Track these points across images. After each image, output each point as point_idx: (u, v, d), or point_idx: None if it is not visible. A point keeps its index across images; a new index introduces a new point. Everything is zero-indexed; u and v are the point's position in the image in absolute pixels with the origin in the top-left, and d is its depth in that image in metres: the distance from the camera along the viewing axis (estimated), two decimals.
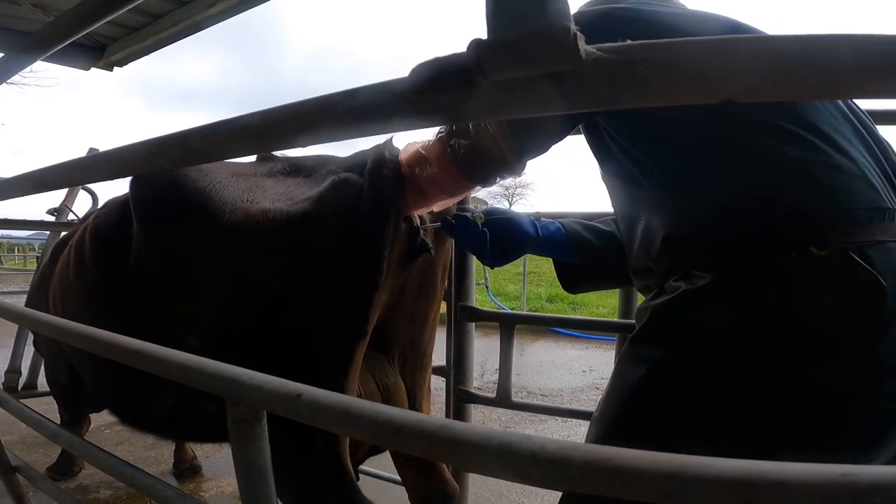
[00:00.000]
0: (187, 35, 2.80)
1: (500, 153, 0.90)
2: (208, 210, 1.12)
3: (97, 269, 1.38)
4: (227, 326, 1.17)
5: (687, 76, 0.39)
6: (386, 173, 1.05)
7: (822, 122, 0.71)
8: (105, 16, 0.75)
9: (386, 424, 0.45)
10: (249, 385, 0.59)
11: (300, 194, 1.15)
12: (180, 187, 1.15)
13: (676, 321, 0.75)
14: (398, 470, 1.50)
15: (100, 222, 1.42)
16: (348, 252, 1.08)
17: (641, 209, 0.83)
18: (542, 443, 0.37)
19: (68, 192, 3.21)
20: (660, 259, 0.79)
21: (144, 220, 1.23)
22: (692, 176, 0.76)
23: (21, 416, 1.30)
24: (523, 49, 0.42)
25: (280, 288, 1.12)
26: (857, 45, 0.33)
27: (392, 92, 0.46)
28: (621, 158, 0.83)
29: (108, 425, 3.13)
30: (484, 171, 0.96)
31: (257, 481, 0.68)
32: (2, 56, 1.06)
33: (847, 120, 0.74)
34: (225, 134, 0.53)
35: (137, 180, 1.23)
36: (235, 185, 1.18)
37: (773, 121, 0.71)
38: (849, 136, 0.72)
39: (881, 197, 0.68)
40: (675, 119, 0.75)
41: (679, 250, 0.76)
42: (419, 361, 1.40)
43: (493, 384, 1.70)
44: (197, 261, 1.17)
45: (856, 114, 0.78)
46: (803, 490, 0.31)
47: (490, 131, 0.89)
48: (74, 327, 0.89)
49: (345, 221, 1.07)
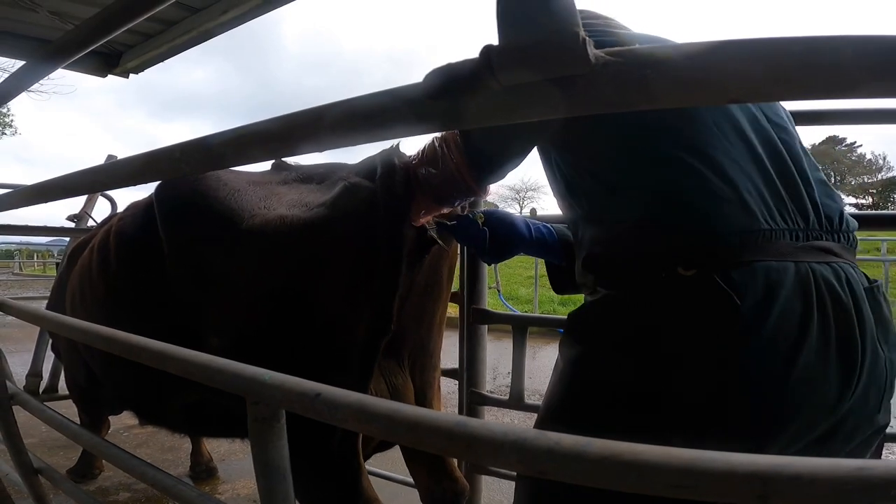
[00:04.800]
0: (201, 42, 2.83)
1: (462, 179, 1.01)
2: (229, 216, 1.18)
3: (121, 270, 1.43)
4: (248, 327, 1.20)
5: (693, 79, 0.40)
6: (397, 177, 1.09)
7: (712, 147, 0.76)
8: (124, 24, 0.78)
9: (403, 422, 0.46)
10: (269, 384, 0.60)
11: (314, 200, 1.20)
12: (202, 195, 1.22)
13: (582, 328, 0.87)
14: (410, 470, 1.51)
15: (124, 224, 1.48)
16: (363, 254, 1.11)
17: (576, 226, 0.92)
18: (557, 438, 0.38)
19: (87, 198, 3.26)
20: (582, 275, 0.89)
21: (169, 223, 1.28)
22: (604, 204, 0.85)
23: (43, 417, 1.33)
24: (534, 54, 0.43)
25: (297, 289, 1.15)
26: (858, 46, 0.33)
27: (405, 97, 0.47)
28: (561, 184, 0.92)
29: (126, 428, 3.17)
30: (450, 196, 1.08)
31: (276, 479, 0.69)
32: (23, 64, 1.09)
33: (745, 142, 0.78)
34: (247, 139, 0.55)
35: (163, 186, 1.29)
36: (253, 192, 1.24)
37: (668, 150, 0.77)
38: (739, 161, 0.76)
39: (758, 220, 0.73)
40: (599, 154, 0.84)
41: (591, 268, 0.86)
42: (428, 362, 1.42)
43: (505, 387, 1.71)
44: (218, 263, 1.22)
45: (764, 133, 0.81)
46: (819, 484, 0.32)
47: (454, 160, 0.99)
48: (96, 329, 0.92)
49: (358, 224, 1.11)
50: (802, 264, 0.71)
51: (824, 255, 0.74)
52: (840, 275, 0.73)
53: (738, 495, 0.32)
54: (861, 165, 37.12)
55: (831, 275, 0.72)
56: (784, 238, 0.73)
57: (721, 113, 0.78)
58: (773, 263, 0.71)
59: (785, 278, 0.70)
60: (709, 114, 0.77)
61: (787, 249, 0.72)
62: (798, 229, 0.74)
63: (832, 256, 0.74)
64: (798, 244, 0.73)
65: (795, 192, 0.77)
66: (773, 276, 0.70)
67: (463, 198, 1.09)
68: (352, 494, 1.17)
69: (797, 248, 0.73)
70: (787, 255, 0.72)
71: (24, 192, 1.18)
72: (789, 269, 0.71)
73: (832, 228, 0.77)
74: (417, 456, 1.46)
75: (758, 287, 0.69)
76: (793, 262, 0.71)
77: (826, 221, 0.77)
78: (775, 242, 0.72)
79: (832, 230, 0.77)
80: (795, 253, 0.72)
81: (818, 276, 0.71)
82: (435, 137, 1.06)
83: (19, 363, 3.10)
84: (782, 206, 0.75)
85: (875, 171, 36.74)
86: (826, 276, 0.72)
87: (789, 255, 0.72)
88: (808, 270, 0.71)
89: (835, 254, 0.75)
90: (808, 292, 0.70)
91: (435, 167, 1.04)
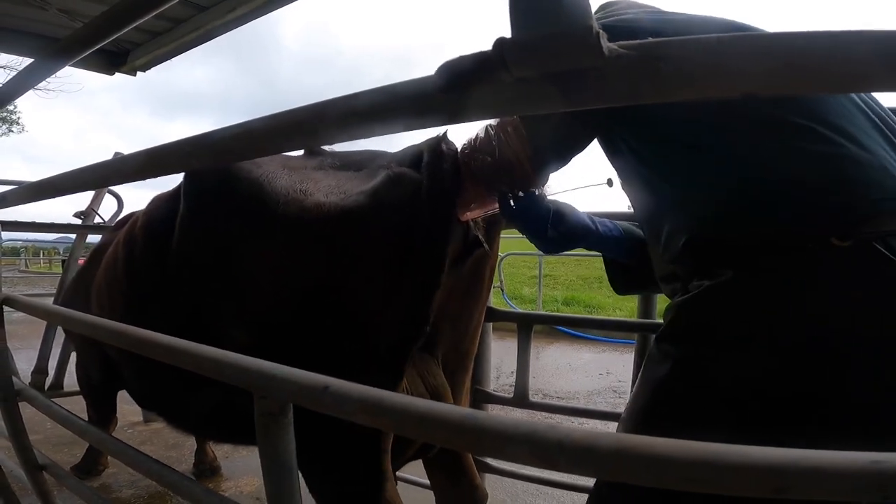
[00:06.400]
0: (208, 39, 2.85)
1: (522, 168, 0.94)
2: (261, 200, 1.11)
3: (147, 262, 1.36)
4: (275, 321, 1.14)
5: (707, 72, 0.40)
6: (445, 167, 1.02)
7: (838, 117, 0.70)
8: (132, 21, 0.78)
9: (412, 415, 0.46)
10: (277, 378, 0.60)
11: (353, 188, 1.11)
12: (235, 178, 1.14)
13: (698, 317, 0.75)
14: (428, 475, 1.47)
15: (151, 217, 1.41)
16: (405, 249, 1.05)
17: (661, 214, 0.83)
18: (568, 431, 0.37)
19: (94, 195, 3.28)
20: (684, 261, 0.79)
21: (195, 211, 1.22)
22: (705, 175, 0.76)
23: (50, 413, 1.33)
24: (547, 46, 0.43)
25: (331, 283, 1.09)
26: (872, 40, 0.33)
27: (419, 90, 0.47)
28: (637, 163, 0.84)
29: (130, 426, 3.18)
30: (507, 186, 1.00)
31: (282, 475, 0.69)
32: (32, 62, 1.10)
33: (865, 115, 0.73)
34: (259, 132, 0.55)
35: (191, 172, 1.22)
36: (287, 176, 1.15)
37: (785, 117, 0.70)
38: (867, 131, 0.71)
39: None
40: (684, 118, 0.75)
41: (700, 250, 0.76)
42: (461, 363, 1.36)
43: (509, 386, 1.70)
44: (247, 253, 1.15)
45: (874, 110, 0.76)
46: (835, 477, 0.32)
47: (512, 147, 0.93)
48: (105, 324, 0.92)
49: (401, 217, 1.04)
50: None
51: None
52: None
53: (754, 488, 0.32)
54: None
55: None
56: None
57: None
58: None
59: None
60: None
61: None
62: None
63: None
64: None
65: None
66: None
67: (519, 188, 1.01)
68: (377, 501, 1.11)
69: None
70: None
71: (33, 187, 1.18)
72: None
73: None
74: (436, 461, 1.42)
75: None
76: None
77: None
78: None
79: None
80: None
81: None
82: (489, 125, 1.00)
83: (25, 360, 3.11)
84: None
85: None
86: None
87: None
88: None
89: None
90: None
91: (491, 155, 0.98)
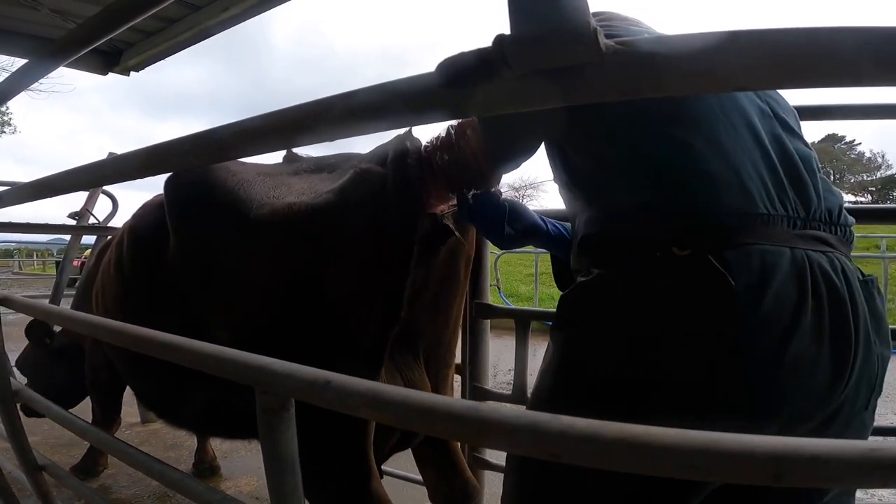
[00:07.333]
0: (201, 39, 2.83)
1: (478, 167, 1.02)
2: (236, 207, 1.18)
3: (134, 265, 1.45)
4: (257, 318, 1.20)
5: (699, 67, 0.41)
6: (410, 161, 1.08)
7: (716, 132, 0.76)
8: (126, 22, 0.78)
9: (415, 408, 0.47)
10: (279, 374, 0.61)
11: (324, 188, 1.18)
12: (210, 186, 1.21)
13: (571, 310, 0.85)
14: (420, 468, 1.50)
15: (137, 222, 1.50)
16: (375, 240, 1.10)
17: (574, 216, 0.92)
18: (570, 421, 0.38)
19: (88, 195, 3.27)
20: (580, 259, 0.88)
21: (177, 216, 1.28)
22: (603, 186, 0.85)
23: (49, 413, 1.33)
24: (546, 43, 0.43)
25: (307, 278, 1.14)
26: (859, 36, 0.34)
27: (418, 87, 0.47)
28: (565, 172, 0.91)
29: (128, 426, 3.17)
30: (463, 183, 1.09)
31: (284, 470, 0.70)
32: (25, 63, 1.09)
33: (750, 130, 0.78)
34: (254, 129, 0.55)
35: (171, 179, 1.29)
36: (262, 183, 1.24)
37: (670, 132, 0.77)
38: (742, 147, 0.76)
39: (756, 204, 0.73)
40: (605, 135, 0.83)
41: (586, 251, 0.86)
42: (443, 358, 1.40)
43: (506, 384, 1.71)
44: (226, 255, 1.22)
45: (769, 125, 0.81)
46: (834, 464, 0.32)
47: (471, 146, 1.01)
48: (103, 322, 0.92)
49: (368, 210, 1.10)
50: (798, 251, 0.72)
51: (821, 245, 0.74)
52: (836, 264, 0.73)
53: (752, 475, 0.33)
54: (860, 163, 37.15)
55: (827, 263, 0.72)
56: (781, 224, 0.73)
57: (730, 103, 0.78)
58: (768, 247, 0.71)
59: (780, 262, 0.70)
60: (716, 101, 0.78)
61: (784, 235, 0.73)
62: (797, 217, 0.75)
63: (828, 247, 0.75)
64: (795, 231, 0.74)
65: (800, 182, 0.77)
66: (769, 259, 0.70)
67: (475, 186, 1.09)
68: (362, 496, 1.15)
69: (794, 235, 0.73)
70: (783, 240, 0.72)
71: (30, 187, 1.18)
72: (785, 253, 0.71)
73: (831, 221, 0.78)
74: (427, 454, 1.45)
75: (753, 269, 0.69)
76: (789, 247, 0.71)
77: (826, 213, 0.77)
78: (772, 227, 0.73)
79: (830, 223, 0.78)
80: (792, 239, 0.73)
81: (814, 264, 0.71)
82: (450, 125, 1.07)
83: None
84: (783, 194, 0.75)
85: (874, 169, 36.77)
86: (822, 264, 0.72)
87: (786, 240, 0.72)
88: (804, 257, 0.71)
89: (831, 245, 0.75)
90: (804, 278, 0.70)
91: (450, 154, 1.06)
